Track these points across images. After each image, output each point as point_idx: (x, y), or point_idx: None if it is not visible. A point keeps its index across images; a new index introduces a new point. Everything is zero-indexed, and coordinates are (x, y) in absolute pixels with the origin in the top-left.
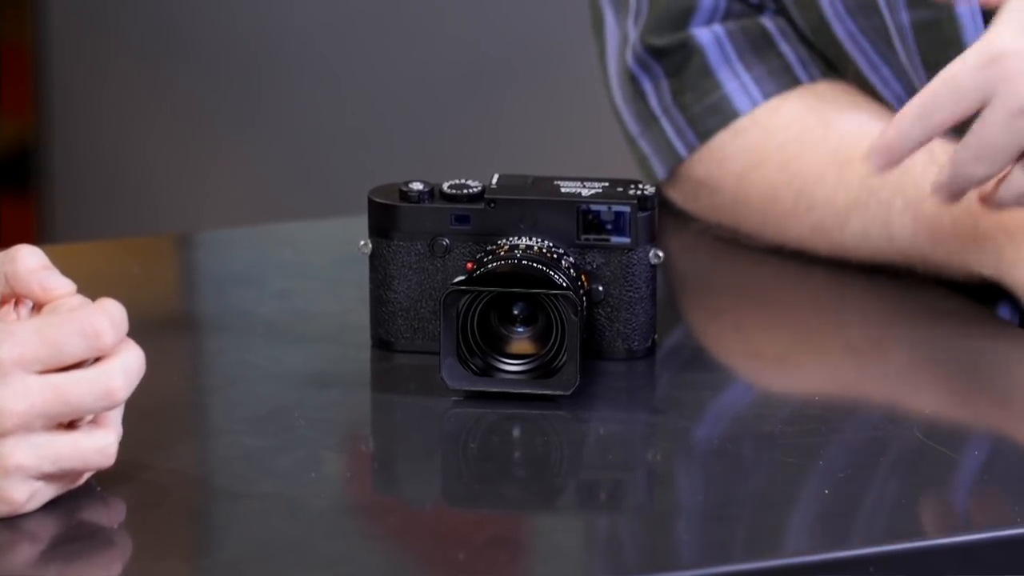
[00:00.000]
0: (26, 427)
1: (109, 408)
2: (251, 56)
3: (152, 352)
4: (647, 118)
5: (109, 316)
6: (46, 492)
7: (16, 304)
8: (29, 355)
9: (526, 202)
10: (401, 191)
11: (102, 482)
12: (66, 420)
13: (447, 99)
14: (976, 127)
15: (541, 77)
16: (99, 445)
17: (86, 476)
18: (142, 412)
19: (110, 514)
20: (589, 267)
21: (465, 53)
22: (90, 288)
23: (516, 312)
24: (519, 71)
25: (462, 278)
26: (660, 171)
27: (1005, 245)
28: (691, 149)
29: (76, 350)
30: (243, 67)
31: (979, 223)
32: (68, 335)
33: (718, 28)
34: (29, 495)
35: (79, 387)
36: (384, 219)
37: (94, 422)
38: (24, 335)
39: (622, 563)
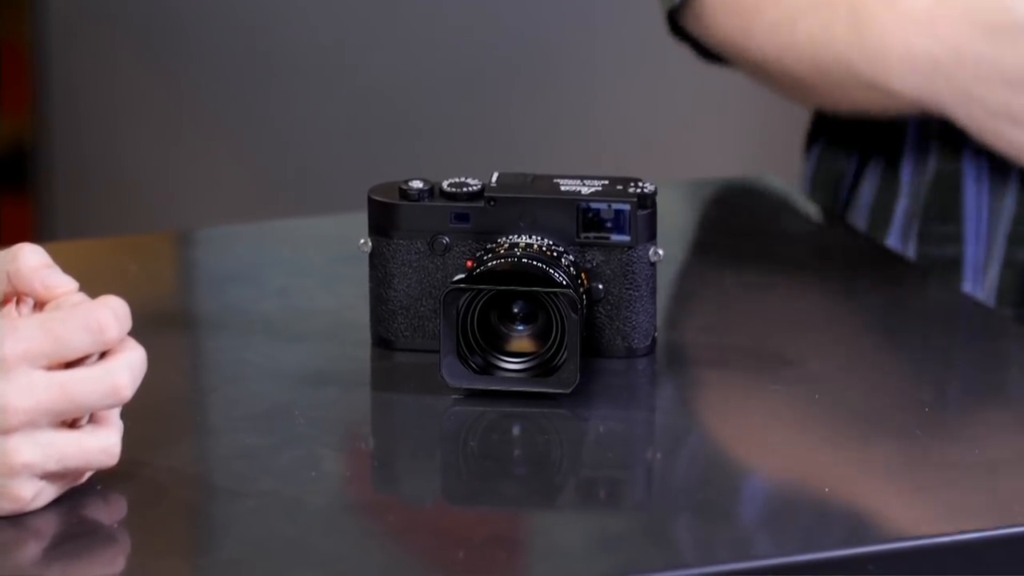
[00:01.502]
0: (32, 424)
1: (115, 406)
2: (250, 54)
3: (150, 350)
4: None
5: (113, 311)
6: (50, 490)
7: (18, 302)
8: (34, 350)
9: (526, 200)
10: (401, 189)
11: (102, 480)
12: (71, 418)
13: (447, 97)
14: None
15: (541, 75)
16: (103, 445)
17: (88, 474)
18: (141, 410)
19: (110, 512)
20: (589, 265)
21: (465, 51)
22: (88, 286)
23: (516, 310)
24: (519, 69)
25: (462, 276)
26: None
27: (940, 64)
28: None
29: (81, 344)
30: (242, 65)
31: (912, 42)
32: (73, 330)
33: None
34: (35, 493)
35: (85, 385)
36: (384, 217)
37: (95, 420)
38: (28, 330)
39: (621, 561)
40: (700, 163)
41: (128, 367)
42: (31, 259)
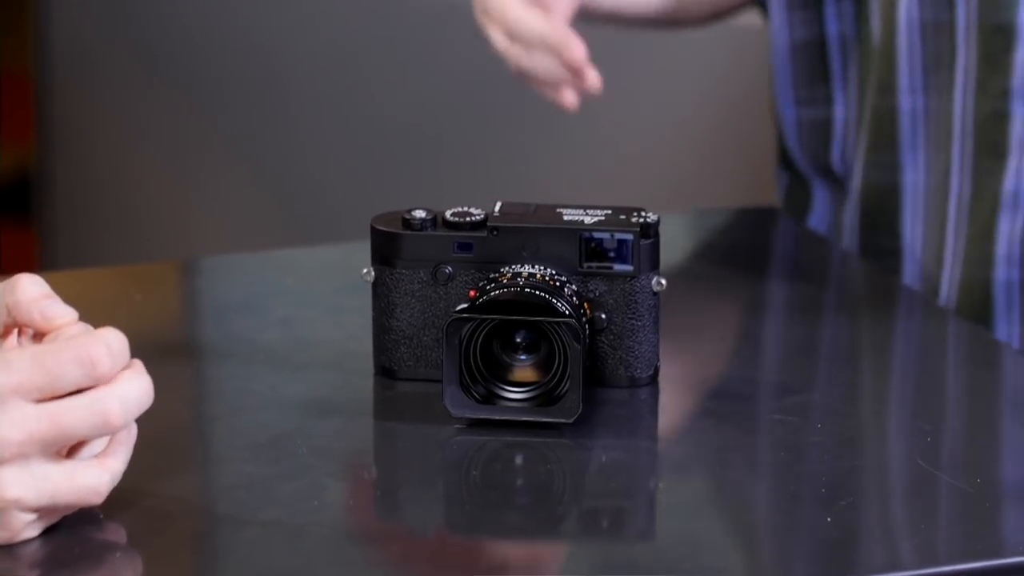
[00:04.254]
0: (23, 456)
1: (105, 435)
2: (253, 83)
3: (154, 379)
4: None
5: (107, 345)
6: (43, 520)
7: (19, 333)
8: (27, 383)
9: (528, 230)
10: (404, 219)
11: (104, 509)
12: (62, 448)
13: (450, 127)
14: None
15: (545, 105)
16: (93, 484)
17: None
18: (144, 439)
19: (112, 541)
20: (592, 295)
21: (469, 81)
22: (92, 315)
23: (519, 340)
24: (522, 99)
25: (465, 306)
26: None
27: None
28: None
29: (73, 378)
30: (245, 94)
31: None
32: (65, 363)
33: None
34: (25, 523)
35: (75, 414)
36: (387, 247)
37: (104, 452)
38: (21, 363)
39: None
40: (703, 193)
41: (119, 397)
42: (30, 290)
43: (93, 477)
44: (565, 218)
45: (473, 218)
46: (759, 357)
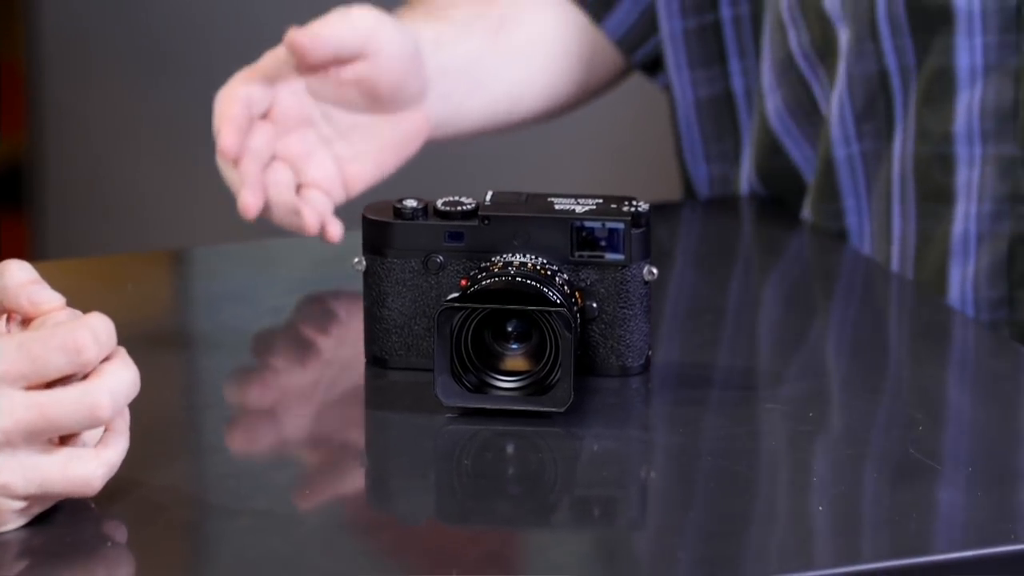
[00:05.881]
0: (9, 444)
1: (93, 427)
2: None
3: (145, 369)
4: None
5: (92, 331)
6: (33, 508)
7: (9, 319)
8: (12, 371)
9: (520, 219)
10: (395, 208)
11: (96, 499)
12: (50, 437)
13: None
14: None
15: None
16: (86, 475)
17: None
18: (136, 429)
19: (104, 531)
20: (583, 284)
21: None
22: (84, 304)
23: (510, 329)
24: None
25: (456, 295)
26: None
27: None
28: None
29: (58, 365)
30: None
31: None
32: (50, 350)
33: None
34: (14, 511)
35: (63, 406)
36: (378, 236)
37: (101, 443)
38: (7, 351)
39: None
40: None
41: (108, 389)
42: (17, 275)
43: (87, 468)
44: (556, 207)
45: (464, 207)
46: (751, 346)
